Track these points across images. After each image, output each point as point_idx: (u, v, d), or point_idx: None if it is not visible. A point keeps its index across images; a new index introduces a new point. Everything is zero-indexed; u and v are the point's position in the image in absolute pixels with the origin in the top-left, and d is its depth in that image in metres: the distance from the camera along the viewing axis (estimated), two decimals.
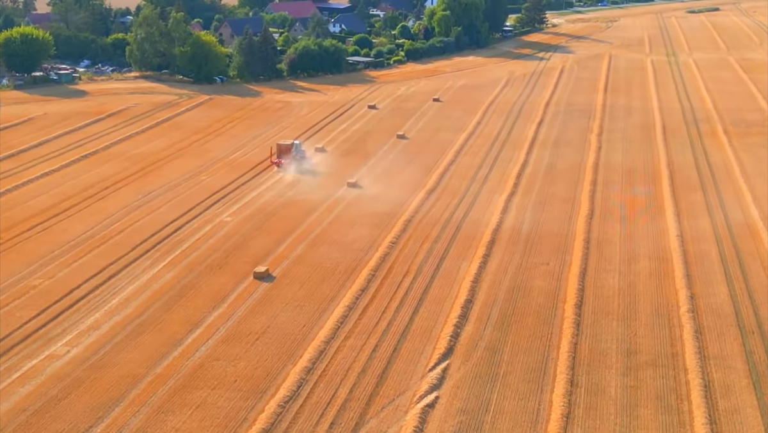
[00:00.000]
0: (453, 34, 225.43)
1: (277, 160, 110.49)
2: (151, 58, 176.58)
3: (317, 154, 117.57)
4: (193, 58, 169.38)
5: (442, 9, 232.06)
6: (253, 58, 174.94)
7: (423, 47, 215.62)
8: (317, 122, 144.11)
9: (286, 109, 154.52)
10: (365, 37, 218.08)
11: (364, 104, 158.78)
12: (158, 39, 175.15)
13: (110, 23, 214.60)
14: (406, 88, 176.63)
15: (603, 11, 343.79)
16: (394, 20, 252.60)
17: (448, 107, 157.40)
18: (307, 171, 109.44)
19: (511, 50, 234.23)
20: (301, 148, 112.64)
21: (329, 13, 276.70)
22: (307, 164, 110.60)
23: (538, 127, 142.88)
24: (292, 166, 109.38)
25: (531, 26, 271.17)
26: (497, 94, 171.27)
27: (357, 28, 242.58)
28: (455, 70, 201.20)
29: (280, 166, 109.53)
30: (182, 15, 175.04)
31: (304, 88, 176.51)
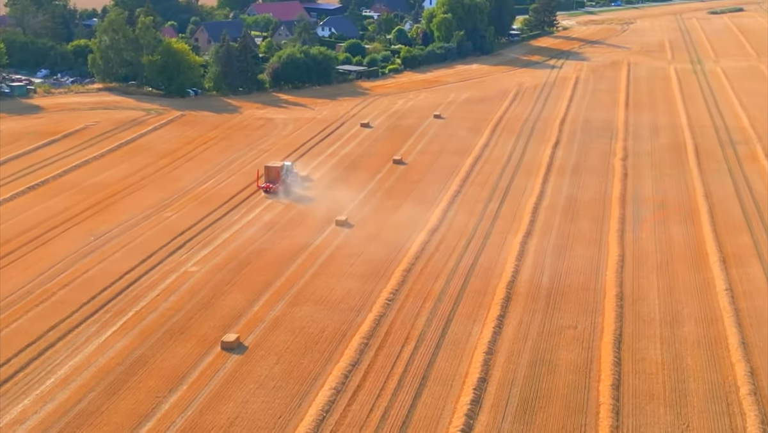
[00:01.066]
0: (455, 40, 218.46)
1: (265, 184, 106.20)
2: (116, 68, 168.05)
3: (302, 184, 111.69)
4: (163, 69, 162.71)
5: (443, 11, 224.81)
6: (231, 68, 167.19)
7: (421, 54, 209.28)
8: (303, 144, 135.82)
9: (267, 128, 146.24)
10: (357, 42, 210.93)
11: (357, 122, 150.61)
12: (124, 46, 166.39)
13: (73, 27, 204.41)
14: (404, 102, 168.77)
15: (617, 12, 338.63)
16: (390, 23, 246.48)
17: (452, 125, 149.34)
18: (298, 196, 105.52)
19: (519, 57, 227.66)
20: (293, 170, 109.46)
21: (317, 15, 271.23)
22: (299, 188, 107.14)
23: (554, 149, 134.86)
24: (282, 191, 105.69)
25: (540, 29, 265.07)
26: (506, 109, 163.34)
27: (348, 32, 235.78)
28: (458, 81, 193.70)
29: (269, 192, 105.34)
30: (151, 20, 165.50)
31: (288, 102, 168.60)
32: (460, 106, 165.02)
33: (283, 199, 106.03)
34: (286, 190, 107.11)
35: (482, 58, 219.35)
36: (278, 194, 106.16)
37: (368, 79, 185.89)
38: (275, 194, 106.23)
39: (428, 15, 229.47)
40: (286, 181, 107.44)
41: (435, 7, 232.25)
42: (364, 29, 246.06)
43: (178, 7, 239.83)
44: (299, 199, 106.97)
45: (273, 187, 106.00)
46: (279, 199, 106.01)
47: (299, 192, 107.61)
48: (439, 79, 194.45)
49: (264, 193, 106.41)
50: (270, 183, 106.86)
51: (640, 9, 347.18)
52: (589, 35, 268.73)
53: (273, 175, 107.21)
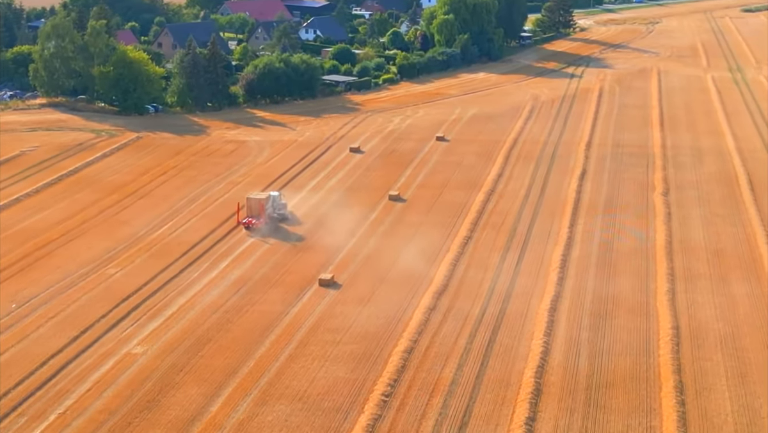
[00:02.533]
0: (458, 44, 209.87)
1: (247, 220, 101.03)
2: (62, 80, 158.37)
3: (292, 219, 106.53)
4: (117, 81, 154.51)
5: (444, 12, 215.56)
6: (197, 80, 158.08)
7: (420, 61, 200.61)
8: (281, 174, 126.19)
9: (239, 154, 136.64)
10: (346, 48, 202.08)
11: (345, 145, 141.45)
12: (72, 55, 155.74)
13: (17, 30, 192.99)
14: (400, 120, 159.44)
15: (639, 10, 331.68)
16: (383, 24, 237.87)
17: (457, 150, 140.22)
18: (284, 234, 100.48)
19: (532, 64, 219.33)
20: (280, 201, 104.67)
21: (301, 14, 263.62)
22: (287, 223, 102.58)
23: (581, 181, 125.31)
24: (266, 228, 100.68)
25: (555, 31, 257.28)
26: (520, 129, 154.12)
27: (336, 35, 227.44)
28: (463, 93, 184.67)
29: (251, 228, 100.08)
30: (103, 24, 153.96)
31: (264, 120, 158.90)
32: (467, 126, 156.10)
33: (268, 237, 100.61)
34: (272, 227, 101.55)
35: (490, 66, 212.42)
36: (261, 232, 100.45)
37: (359, 92, 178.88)
38: (258, 232, 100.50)
39: (428, 16, 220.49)
40: (272, 215, 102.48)
41: (435, 5, 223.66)
42: (354, 31, 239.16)
43: (140, 6, 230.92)
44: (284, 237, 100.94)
45: (255, 223, 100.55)
46: (263, 238, 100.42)
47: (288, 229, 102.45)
48: (440, 91, 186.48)
49: (245, 230, 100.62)
50: (252, 218, 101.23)
51: (665, 6, 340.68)
52: (610, 37, 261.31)
53: (255, 209, 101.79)
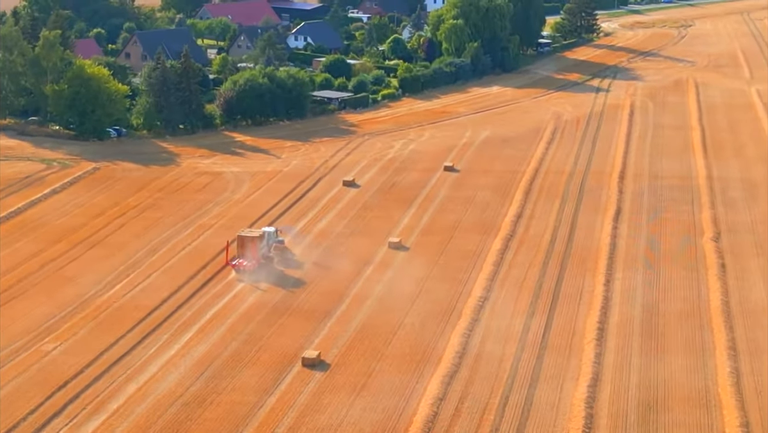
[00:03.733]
0: (468, 53, 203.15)
1: (238, 261, 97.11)
2: (11, 99, 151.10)
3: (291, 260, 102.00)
4: (73, 101, 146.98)
5: (453, 16, 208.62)
6: (167, 99, 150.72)
7: (425, 73, 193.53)
8: (261, 215, 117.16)
9: (213, 188, 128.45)
10: (340, 59, 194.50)
11: (338, 177, 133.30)
12: (22, 70, 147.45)
13: None
14: (402, 145, 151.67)
15: (668, 11, 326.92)
16: (383, 30, 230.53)
17: (469, 182, 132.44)
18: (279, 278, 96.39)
19: (552, 75, 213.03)
20: (277, 238, 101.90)
21: (290, 18, 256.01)
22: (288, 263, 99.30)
23: (615, 222, 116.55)
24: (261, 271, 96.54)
25: (576, 36, 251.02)
26: (541, 155, 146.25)
27: (329, 42, 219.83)
28: (474, 111, 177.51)
29: (242, 271, 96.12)
30: (57, 34, 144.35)
31: (245, 146, 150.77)
32: (479, 152, 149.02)
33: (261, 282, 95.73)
34: (268, 269, 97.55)
35: (504, 78, 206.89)
36: (254, 275, 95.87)
37: (354, 110, 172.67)
38: (251, 275, 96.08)
39: (434, 20, 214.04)
40: (268, 255, 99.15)
41: (443, 9, 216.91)
42: (349, 37, 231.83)
43: (107, 10, 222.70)
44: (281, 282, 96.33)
45: (247, 266, 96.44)
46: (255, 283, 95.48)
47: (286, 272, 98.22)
48: (448, 108, 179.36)
49: (235, 273, 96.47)
50: (243, 260, 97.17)
51: (697, 7, 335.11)
52: (638, 44, 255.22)
53: (248, 248, 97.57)
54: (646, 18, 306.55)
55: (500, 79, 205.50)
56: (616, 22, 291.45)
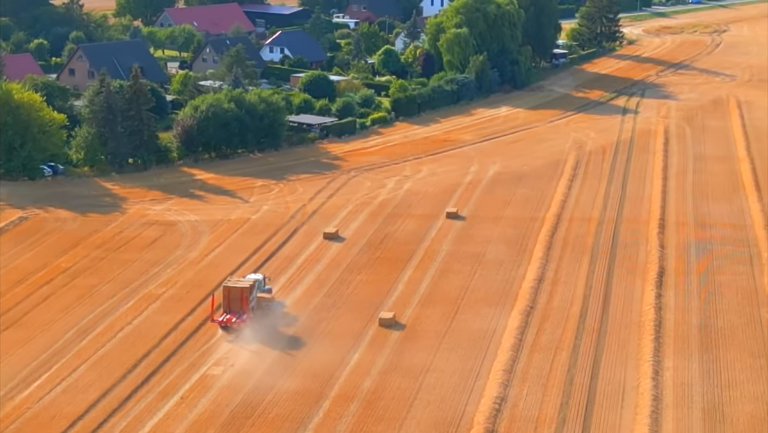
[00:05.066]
0: (473, 68, 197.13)
1: (226, 317, 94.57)
2: None
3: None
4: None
5: (455, 24, 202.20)
6: (113, 129, 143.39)
7: (423, 92, 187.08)
8: (221, 280, 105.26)
9: (164, 245, 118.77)
10: (322, 76, 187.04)
11: (318, 228, 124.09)
12: None
13: None
14: (396, 184, 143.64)
15: (698, 13, 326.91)
16: (373, 39, 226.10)
17: (477, 234, 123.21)
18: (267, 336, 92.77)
19: (570, 93, 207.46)
20: (265, 287, 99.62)
21: (265, 25, 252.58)
22: (277, 319, 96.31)
23: (658, 288, 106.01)
24: (252, 328, 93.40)
25: (596, 45, 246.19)
26: (563, 197, 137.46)
27: (310, 54, 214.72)
28: (481, 138, 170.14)
29: (229, 328, 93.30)
30: None
31: (206, 186, 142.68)
32: (488, 192, 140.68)
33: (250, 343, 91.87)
34: (259, 324, 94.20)
35: (515, 96, 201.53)
36: (244, 333, 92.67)
37: (339, 139, 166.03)
38: (240, 333, 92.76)
39: (433, 29, 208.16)
40: (255, 307, 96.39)
41: (442, 15, 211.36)
42: (334, 47, 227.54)
43: (51, 17, 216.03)
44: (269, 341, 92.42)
45: (237, 322, 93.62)
46: (248, 344, 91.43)
47: (278, 329, 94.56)
48: (450, 136, 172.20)
49: (221, 330, 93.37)
50: (233, 314, 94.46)
51: (730, 8, 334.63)
52: (667, 53, 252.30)
53: (236, 300, 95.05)
54: (674, 22, 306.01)
55: (510, 98, 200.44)
56: (639, 27, 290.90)
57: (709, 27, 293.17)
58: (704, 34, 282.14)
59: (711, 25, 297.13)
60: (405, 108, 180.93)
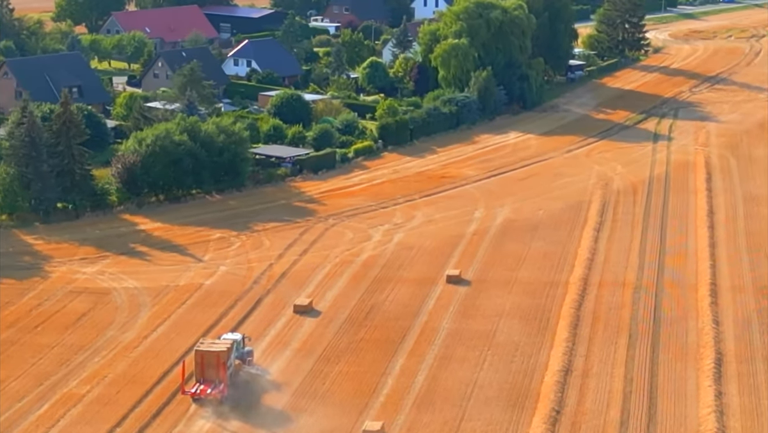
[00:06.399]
0: (476, 85, 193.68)
1: (200, 387, 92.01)
2: None
3: None
4: None
5: (454, 32, 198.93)
6: (37, 168, 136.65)
7: (416, 116, 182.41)
8: (164, 372, 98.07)
9: (93, 322, 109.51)
10: (295, 95, 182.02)
11: (287, 296, 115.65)
12: None
13: None
14: (384, 236, 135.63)
15: (729, 13, 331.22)
16: (357, 49, 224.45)
17: (484, 305, 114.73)
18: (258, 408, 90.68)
19: (589, 114, 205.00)
20: (244, 349, 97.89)
21: (231, 30, 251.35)
22: (259, 387, 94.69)
23: (716, 384, 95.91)
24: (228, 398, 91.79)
25: (617, 54, 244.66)
26: (589, 254, 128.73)
27: (282, 67, 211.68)
28: (486, 173, 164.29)
29: (200, 399, 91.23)
30: None
31: (152, 239, 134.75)
32: (496, 246, 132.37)
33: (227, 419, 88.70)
34: (237, 395, 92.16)
35: (525, 119, 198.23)
36: (222, 404, 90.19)
37: (315, 175, 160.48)
38: (217, 405, 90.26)
39: (427, 38, 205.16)
40: (234, 373, 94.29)
41: (439, 23, 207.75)
42: (311, 57, 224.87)
43: None
44: None
45: (212, 393, 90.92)
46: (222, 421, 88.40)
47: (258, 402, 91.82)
48: (449, 170, 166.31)
49: (193, 403, 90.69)
50: (207, 383, 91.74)
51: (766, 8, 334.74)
52: (700, 64, 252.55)
53: (211, 366, 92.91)
54: (704, 24, 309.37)
55: (519, 121, 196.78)
56: (664, 31, 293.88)
57: (746, 31, 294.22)
58: (740, 39, 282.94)
59: (747, 29, 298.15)
60: (394, 135, 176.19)
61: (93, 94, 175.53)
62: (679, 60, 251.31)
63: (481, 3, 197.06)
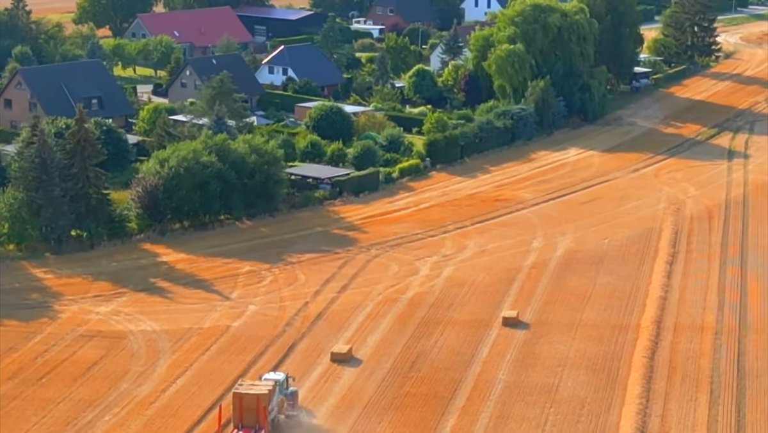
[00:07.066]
0: (532, 96, 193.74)
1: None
2: None
3: None
4: None
5: (508, 37, 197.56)
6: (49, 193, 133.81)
7: (467, 131, 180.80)
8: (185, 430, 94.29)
9: (106, 372, 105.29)
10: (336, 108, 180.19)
11: (323, 344, 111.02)
12: None
13: None
14: (432, 270, 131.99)
15: None
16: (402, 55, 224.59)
17: (545, 353, 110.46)
18: None
19: (657, 128, 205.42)
20: (288, 390, 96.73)
21: (266, 33, 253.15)
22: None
23: None
24: None
25: (686, 60, 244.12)
26: (661, 292, 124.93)
27: (321, 75, 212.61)
28: (543, 196, 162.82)
29: None
30: None
31: (174, 273, 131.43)
32: (557, 283, 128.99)
33: None
34: None
35: (586, 134, 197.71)
36: None
37: (357, 198, 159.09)
38: None
39: (479, 44, 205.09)
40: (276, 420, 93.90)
41: (492, 28, 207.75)
42: (353, 64, 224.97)
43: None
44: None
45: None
46: None
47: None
48: (503, 192, 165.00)
49: None
50: (246, 429, 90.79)
51: None
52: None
53: (251, 411, 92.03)
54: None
55: (580, 135, 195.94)
56: (735, 34, 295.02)
57: None
58: None
59: None
60: (443, 152, 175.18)
61: (114, 106, 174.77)
62: (753, 66, 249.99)
63: (539, 5, 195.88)
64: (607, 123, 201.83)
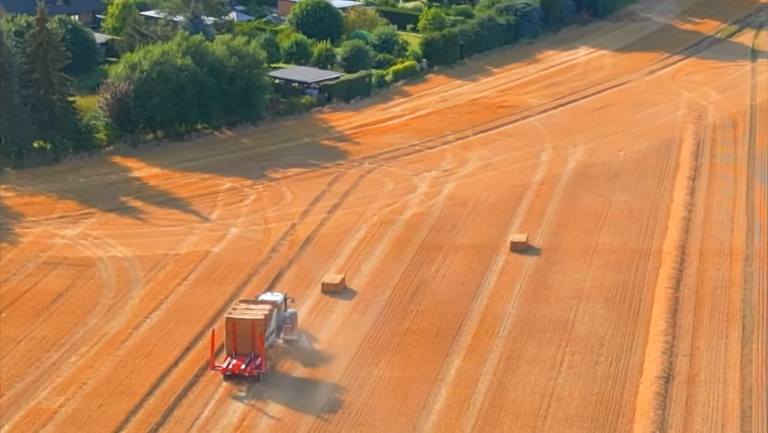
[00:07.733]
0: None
1: (233, 362, 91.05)
2: None
3: None
4: None
5: None
6: (8, 102, 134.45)
7: (466, 29, 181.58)
8: (158, 379, 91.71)
9: (71, 305, 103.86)
10: (323, 2, 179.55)
11: (313, 272, 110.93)
12: None
13: None
14: (431, 186, 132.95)
15: None
16: None
17: (558, 283, 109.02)
18: None
19: (672, 24, 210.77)
20: (286, 310, 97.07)
21: None
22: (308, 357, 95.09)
23: None
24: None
25: None
26: (685, 213, 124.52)
27: None
28: (552, 101, 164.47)
29: (234, 376, 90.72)
30: None
31: (147, 190, 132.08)
32: (570, 201, 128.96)
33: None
34: None
35: (597, 31, 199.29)
36: (259, 382, 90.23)
37: (347, 104, 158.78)
38: (255, 383, 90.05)
39: None
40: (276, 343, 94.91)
41: None
42: None
43: None
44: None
45: (248, 369, 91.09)
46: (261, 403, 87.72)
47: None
48: (508, 97, 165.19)
49: (225, 381, 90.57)
50: (241, 357, 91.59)
51: None
52: None
53: (247, 337, 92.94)
54: None
55: (590, 33, 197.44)
56: None
57: None
58: None
59: None
60: (441, 53, 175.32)
61: (80, 1, 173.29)
62: None
63: None
64: (618, 19, 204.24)
